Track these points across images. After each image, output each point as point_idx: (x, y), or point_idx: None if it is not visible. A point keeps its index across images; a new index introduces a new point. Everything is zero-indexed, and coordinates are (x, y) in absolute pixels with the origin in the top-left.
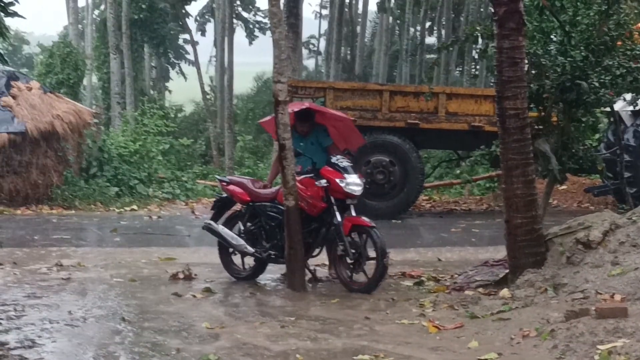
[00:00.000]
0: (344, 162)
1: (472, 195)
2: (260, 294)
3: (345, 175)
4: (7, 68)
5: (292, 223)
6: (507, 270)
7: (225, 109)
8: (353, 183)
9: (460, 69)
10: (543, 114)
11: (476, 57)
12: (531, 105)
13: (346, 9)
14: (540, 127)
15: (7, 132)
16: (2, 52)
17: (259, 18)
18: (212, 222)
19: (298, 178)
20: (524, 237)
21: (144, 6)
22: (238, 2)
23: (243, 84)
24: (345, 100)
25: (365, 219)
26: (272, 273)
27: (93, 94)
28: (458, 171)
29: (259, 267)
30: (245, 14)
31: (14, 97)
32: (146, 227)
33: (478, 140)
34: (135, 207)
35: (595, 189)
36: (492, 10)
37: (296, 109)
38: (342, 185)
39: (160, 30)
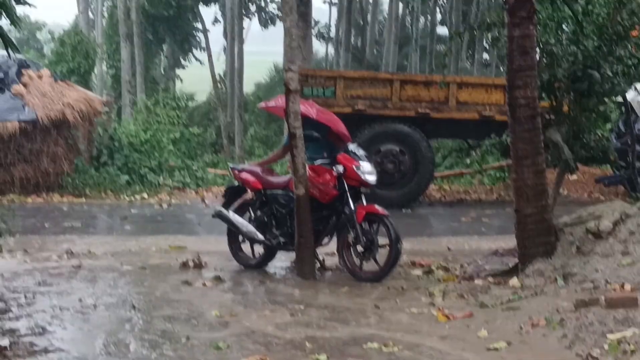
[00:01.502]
0: (360, 151)
1: (483, 184)
2: (270, 282)
3: (362, 163)
4: (18, 56)
5: (302, 211)
6: (517, 260)
7: (235, 98)
8: (369, 172)
9: (471, 60)
10: (554, 103)
11: (487, 46)
12: (542, 95)
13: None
14: (552, 116)
15: (18, 120)
16: (14, 40)
17: (272, 7)
18: (222, 209)
19: (312, 165)
20: (534, 227)
21: (173, 3)
22: None
23: (256, 73)
24: (356, 89)
25: (379, 207)
26: (282, 261)
27: (104, 83)
28: (468, 161)
29: (268, 255)
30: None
31: (25, 85)
32: (156, 216)
33: (488, 130)
34: (145, 195)
35: (606, 179)
36: None
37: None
38: (359, 172)
39: (185, 27)
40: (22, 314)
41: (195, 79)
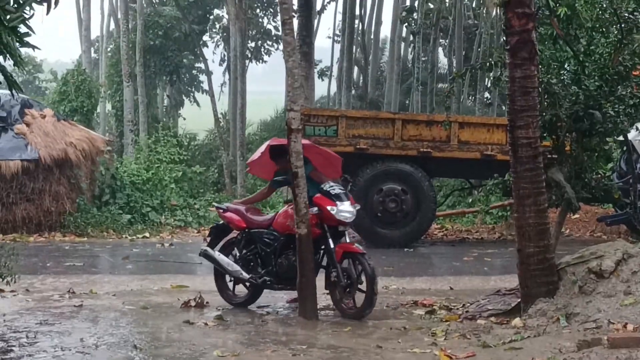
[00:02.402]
0: (336, 189)
1: (485, 224)
2: (272, 322)
3: (337, 202)
4: (21, 95)
5: (304, 251)
6: (519, 300)
7: (237, 137)
8: (345, 210)
9: (473, 99)
10: (556, 142)
11: (488, 85)
12: (544, 134)
13: (359, 38)
14: (554, 156)
15: (21, 159)
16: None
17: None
18: (208, 249)
19: (292, 206)
20: (536, 266)
21: (160, 32)
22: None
23: (257, 112)
24: (358, 128)
25: (357, 246)
26: (283, 301)
27: (106, 122)
28: (470, 200)
29: (254, 294)
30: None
31: (27, 125)
32: (158, 255)
33: (490, 169)
34: (147, 234)
35: (608, 218)
36: (505, 40)
37: (273, 144)
38: (333, 212)
39: (173, 58)
40: (23, 354)
41: (196, 117)
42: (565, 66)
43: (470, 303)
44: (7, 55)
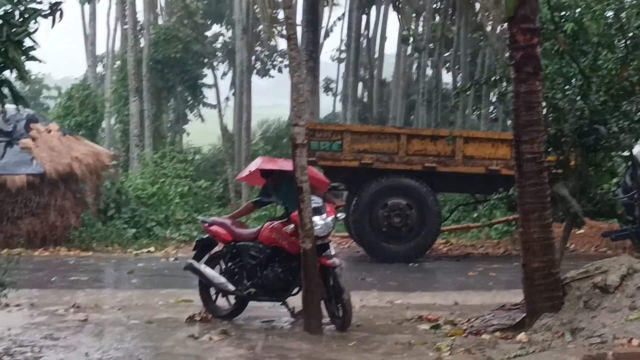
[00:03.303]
0: (313, 204)
1: (490, 239)
2: (277, 337)
3: (314, 219)
4: (27, 110)
5: (309, 265)
6: (524, 314)
7: (242, 151)
8: (319, 226)
9: (478, 114)
10: (561, 157)
11: (493, 100)
12: (549, 149)
13: (364, 53)
14: (559, 171)
15: (26, 174)
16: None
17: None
18: (194, 262)
19: (274, 223)
20: (541, 281)
21: (180, 46)
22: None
23: (261, 126)
24: (363, 143)
25: (334, 260)
26: (288, 315)
27: (111, 136)
28: (475, 215)
29: (240, 306)
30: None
31: (33, 139)
32: (163, 269)
33: (495, 184)
34: (152, 249)
35: (613, 234)
36: (509, 55)
37: (262, 167)
38: None
39: (192, 72)
40: None
41: (200, 132)
42: (571, 81)
43: (475, 318)
44: (13, 69)
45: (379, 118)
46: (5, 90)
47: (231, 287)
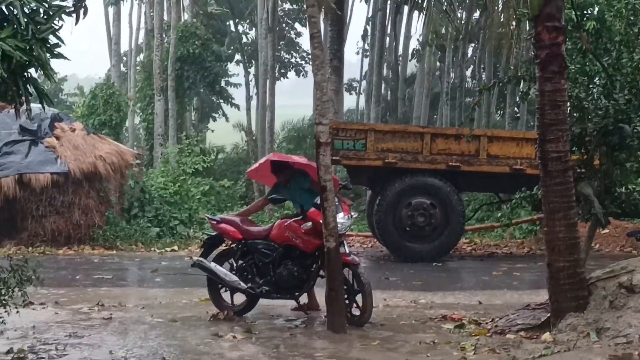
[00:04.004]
0: None
1: (514, 238)
2: (301, 336)
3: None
4: (52, 109)
5: (333, 265)
6: (549, 314)
7: (266, 151)
8: (340, 223)
9: (502, 113)
10: (585, 157)
11: (517, 99)
12: (574, 148)
13: (385, 54)
14: (583, 170)
15: (51, 173)
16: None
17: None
18: (203, 260)
19: (289, 221)
20: (566, 281)
21: (198, 43)
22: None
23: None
24: (387, 142)
25: (353, 257)
26: (312, 314)
27: (135, 135)
28: (499, 214)
29: (250, 303)
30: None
31: (57, 138)
32: (186, 268)
33: (519, 183)
34: (175, 247)
35: (638, 233)
36: (534, 54)
37: (274, 159)
38: None
39: (212, 69)
40: None
41: (222, 131)
42: (595, 80)
43: (499, 317)
44: (38, 67)
45: (402, 117)
46: (30, 89)
47: (244, 285)
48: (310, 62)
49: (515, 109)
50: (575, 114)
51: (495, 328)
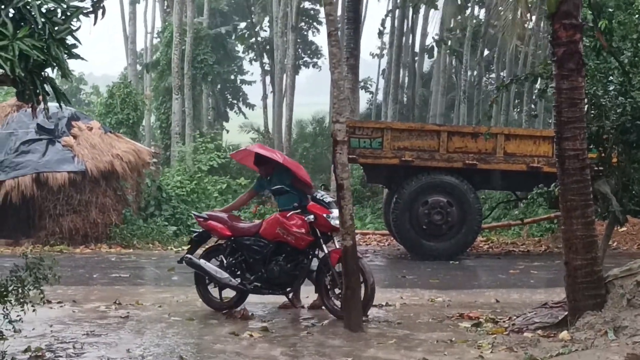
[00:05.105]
0: (328, 198)
1: (531, 236)
2: (317, 334)
3: (331, 210)
4: (69, 108)
5: (350, 263)
6: (567, 313)
7: (284, 149)
8: (337, 217)
9: (519, 109)
10: (603, 155)
11: (535, 97)
12: (591, 146)
13: (401, 54)
14: (600, 168)
15: (68, 171)
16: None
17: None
18: (192, 257)
19: (288, 214)
20: (584, 279)
21: (209, 41)
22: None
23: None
24: (403, 140)
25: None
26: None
27: (151, 134)
28: (516, 212)
29: (240, 299)
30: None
31: (74, 137)
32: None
33: (536, 181)
34: None
35: None
36: (551, 51)
37: (258, 151)
38: (330, 220)
39: (223, 75)
40: None
41: (238, 130)
42: (611, 78)
43: (516, 316)
44: (56, 67)
45: (419, 115)
46: (48, 88)
47: (234, 281)
48: (328, 60)
49: (533, 106)
50: (592, 112)
51: (512, 326)
